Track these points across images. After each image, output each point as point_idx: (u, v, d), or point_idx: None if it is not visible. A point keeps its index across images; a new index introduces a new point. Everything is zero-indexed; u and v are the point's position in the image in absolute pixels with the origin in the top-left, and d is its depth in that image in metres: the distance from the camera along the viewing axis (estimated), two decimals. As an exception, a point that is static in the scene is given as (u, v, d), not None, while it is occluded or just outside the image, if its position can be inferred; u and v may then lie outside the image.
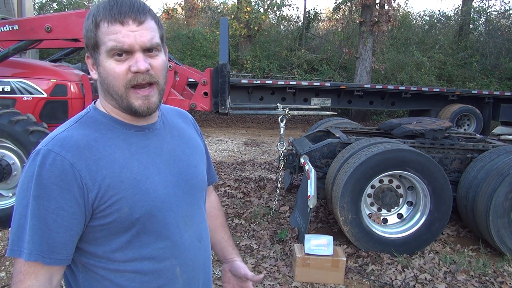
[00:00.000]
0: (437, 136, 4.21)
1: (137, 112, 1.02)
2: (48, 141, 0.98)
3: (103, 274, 1.02)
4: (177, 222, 1.07)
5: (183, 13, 19.84)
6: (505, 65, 14.69)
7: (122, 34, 0.96)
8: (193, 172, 1.15)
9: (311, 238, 3.23)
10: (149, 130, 1.09)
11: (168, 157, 1.10)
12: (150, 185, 1.02)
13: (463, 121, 10.81)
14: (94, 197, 0.95)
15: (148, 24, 0.99)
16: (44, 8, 17.60)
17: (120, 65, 0.98)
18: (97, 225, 0.98)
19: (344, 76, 15.30)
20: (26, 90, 4.19)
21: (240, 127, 11.95)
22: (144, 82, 0.99)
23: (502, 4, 22.35)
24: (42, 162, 0.93)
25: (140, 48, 0.98)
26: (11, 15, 6.40)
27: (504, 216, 3.58)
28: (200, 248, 1.16)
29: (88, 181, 0.95)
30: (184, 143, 1.17)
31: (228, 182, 5.57)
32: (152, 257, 1.04)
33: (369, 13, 12.65)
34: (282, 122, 4.46)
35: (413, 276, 3.29)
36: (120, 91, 0.99)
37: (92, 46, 1.00)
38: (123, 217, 0.98)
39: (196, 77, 4.66)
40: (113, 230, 0.99)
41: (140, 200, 1.00)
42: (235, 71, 14.65)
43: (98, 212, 0.97)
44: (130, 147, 1.03)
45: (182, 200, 1.10)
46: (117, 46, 0.96)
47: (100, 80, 1.02)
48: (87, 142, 0.98)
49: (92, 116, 1.05)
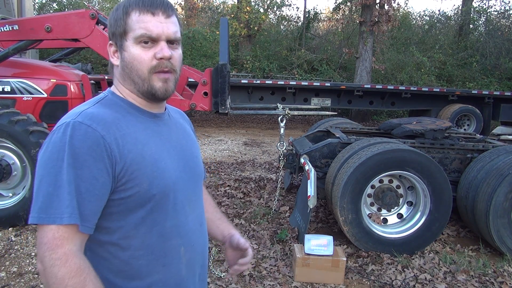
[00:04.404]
0: (437, 136, 4.21)
1: (156, 93, 1.09)
2: (76, 115, 1.01)
3: (111, 250, 1.05)
4: (183, 204, 1.14)
5: (183, 13, 19.83)
6: (505, 65, 14.69)
7: (152, 23, 1.05)
8: (195, 162, 1.24)
9: (311, 238, 3.23)
10: (160, 118, 1.17)
11: (176, 144, 1.17)
12: (165, 165, 1.09)
13: (463, 121, 10.81)
14: (120, 169, 1.00)
15: (174, 19, 1.10)
16: (44, 8, 17.60)
17: (146, 51, 1.06)
18: (116, 198, 1.02)
19: (344, 76, 15.29)
20: (26, 90, 4.19)
21: (240, 127, 11.95)
22: (166, 69, 1.08)
23: (502, 4, 22.35)
24: (74, 132, 0.97)
25: (166, 38, 1.07)
26: (11, 15, 6.40)
27: (504, 216, 3.58)
28: (201, 232, 1.23)
29: (116, 154, 1.00)
30: (186, 136, 1.26)
31: (228, 182, 5.56)
32: (161, 235, 1.08)
33: (369, 13, 12.65)
34: (282, 122, 4.46)
35: (413, 276, 3.29)
36: (144, 75, 1.07)
37: (120, 33, 1.08)
38: (142, 191, 1.03)
39: (196, 77, 4.66)
40: (130, 205, 1.04)
41: (158, 178, 1.06)
42: (235, 71, 14.64)
43: (121, 185, 1.02)
44: (147, 130, 1.10)
45: (188, 185, 1.17)
46: (146, 34, 1.05)
47: (123, 65, 1.10)
48: (113, 119, 1.04)
49: (111, 99, 1.12)
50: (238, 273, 1.45)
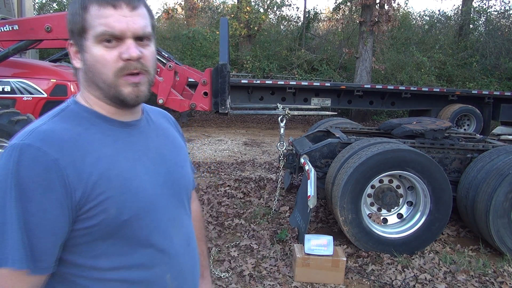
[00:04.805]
0: (437, 136, 4.21)
1: (125, 100, 0.94)
2: (26, 135, 0.87)
3: (85, 284, 0.92)
4: (166, 225, 1.00)
5: (183, 13, 19.82)
6: (505, 65, 14.68)
7: (114, 18, 0.89)
8: (180, 172, 1.09)
9: (311, 238, 3.23)
10: (134, 126, 1.01)
11: (155, 155, 1.02)
12: (138, 184, 0.94)
13: (463, 121, 10.81)
14: (79, 196, 0.86)
15: (141, 10, 0.94)
16: (44, 8, 17.60)
17: (110, 51, 0.91)
18: (80, 228, 0.89)
19: (344, 76, 15.29)
20: (26, 90, 4.20)
21: (240, 127, 11.95)
22: (135, 71, 0.93)
23: (502, 4, 22.35)
24: (21, 158, 0.82)
25: (132, 35, 0.91)
26: (11, 15, 6.40)
27: (504, 216, 3.58)
28: (189, 252, 1.09)
29: (73, 179, 0.85)
30: (169, 143, 1.11)
31: (228, 182, 5.57)
32: (140, 264, 0.95)
33: (369, 13, 12.65)
34: (282, 122, 4.46)
35: (413, 276, 3.29)
36: (109, 80, 0.92)
37: (78, 31, 0.92)
38: (109, 218, 0.89)
39: (196, 77, 4.66)
40: (97, 234, 0.90)
41: (129, 200, 0.92)
42: (235, 71, 14.64)
43: (83, 213, 0.88)
44: (116, 143, 0.95)
45: (170, 202, 1.02)
46: (107, 31, 0.89)
47: (85, 68, 0.94)
48: (70, 137, 0.89)
49: (73, 110, 0.96)
50: None
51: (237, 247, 3.70)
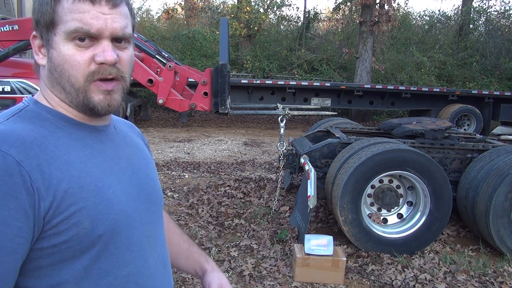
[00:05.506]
0: (437, 136, 4.21)
1: (95, 108, 0.83)
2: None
3: None
4: (141, 242, 0.88)
5: (183, 13, 19.84)
6: (505, 65, 14.70)
7: (90, 14, 0.77)
8: (152, 186, 0.97)
9: (311, 238, 3.23)
10: (103, 132, 0.90)
11: (126, 165, 0.91)
12: (113, 195, 0.82)
13: (463, 121, 10.82)
14: (47, 207, 0.72)
15: (123, 8, 0.82)
16: (44, 8, 17.58)
17: (82, 52, 0.79)
18: (46, 247, 0.73)
19: (344, 76, 15.30)
20: (26, 90, 4.20)
21: (240, 127, 11.95)
22: (110, 77, 0.82)
23: (502, 4, 22.32)
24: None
25: (110, 36, 0.80)
26: (11, 15, 6.40)
27: (504, 216, 3.58)
28: (164, 275, 0.96)
29: (40, 185, 0.71)
30: (139, 153, 0.99)
31: (228, 182, 5.57)
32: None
33: (369, 13, 12.66)
34: (282, 122, 4.46)
35: (413, 276, 3.29)
36: (78, 84, 0.80)
37: (46, 24, 0.79)
38: (82, 233, 0.75)
39: (196, 77, 4.67)
40: (65, 254, 0.75)
41: (104, 213, 0.79)
42: (235, 71, 14.65)
43: (51, 228, 0.73)
44: (85, 149, 0.83)
45: (145, 217, 0.90)
46: (82, 29, 0.77)
47: (50, 67, 0.82)
48: (34, 138, 0.75)
49: (33, 111, 0.83)
50: None
51: (237, 247, 3.70)
